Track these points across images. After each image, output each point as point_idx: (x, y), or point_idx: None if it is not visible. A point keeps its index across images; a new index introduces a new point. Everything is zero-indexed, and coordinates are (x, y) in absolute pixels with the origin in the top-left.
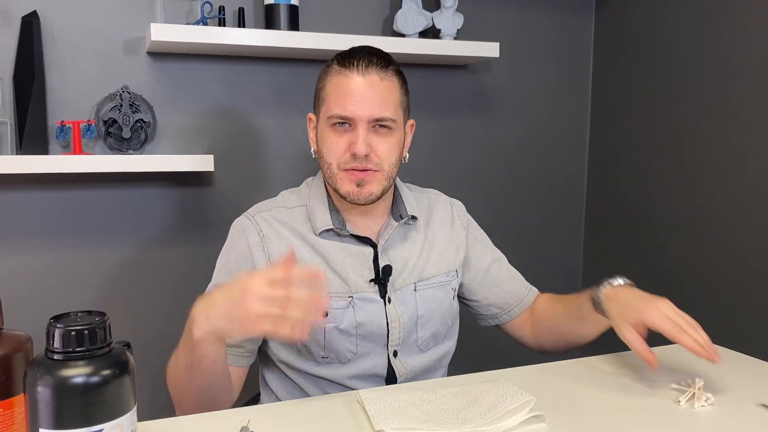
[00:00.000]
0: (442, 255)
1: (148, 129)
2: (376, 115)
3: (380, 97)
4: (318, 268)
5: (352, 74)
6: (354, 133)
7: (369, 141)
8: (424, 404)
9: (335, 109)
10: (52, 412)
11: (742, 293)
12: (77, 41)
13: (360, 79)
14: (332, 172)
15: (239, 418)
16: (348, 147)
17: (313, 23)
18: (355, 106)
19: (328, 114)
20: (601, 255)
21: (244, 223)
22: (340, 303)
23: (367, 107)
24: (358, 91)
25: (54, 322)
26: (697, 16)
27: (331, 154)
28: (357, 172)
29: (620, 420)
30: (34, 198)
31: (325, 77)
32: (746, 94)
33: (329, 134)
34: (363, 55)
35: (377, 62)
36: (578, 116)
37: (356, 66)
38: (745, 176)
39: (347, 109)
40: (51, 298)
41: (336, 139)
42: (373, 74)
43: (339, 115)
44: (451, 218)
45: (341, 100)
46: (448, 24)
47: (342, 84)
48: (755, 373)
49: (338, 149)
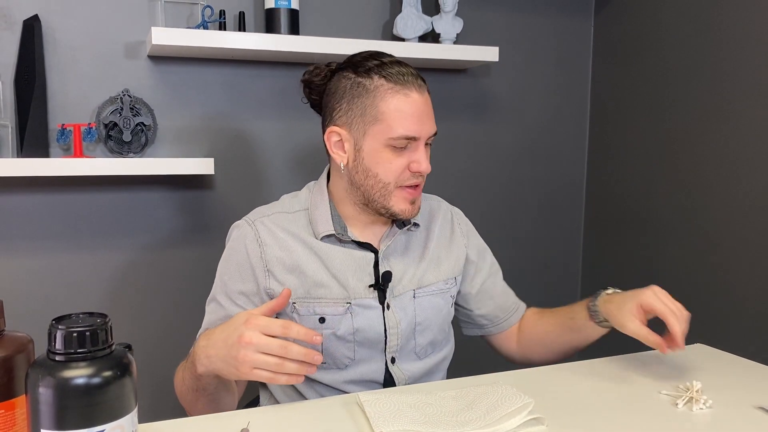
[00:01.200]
0: (442, 262)
1: (149, 132)
2: (432, 131)
3: (432, 112)
4: (315, 332)
5: (411, 93)
6: (416, 152)
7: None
8: (423, 406)
9: (401, 130)
10: (53, 413)
11: (739, 296)
12: (78, 45)
13: (420, 98)
14: (387, 191)
15: (239, 420)
16: (407, 165)
17: (313, 27)
18: (420, 125)
19: (390, 135)
20: (600, 259)
21: (244, 229)
22: (338, 309)
23: (428, 125)
24: (419, 109)
25: (56, 323)
26: (695, 19)
27: (389, 174)
28: (411, 190)
29: (618, 422)
30: (34, 201)
31: (374, 94)
32: (744, 97)
33: (388, 155)
34: (406, 71)
35: (417, 75)
36: (577, 120)
37: (411, 84)
38: (744, 179)
39: (414, 129)
40: (52, 301)
41: (395, 159)
42: (425, 91)
43: (406, 136)
44: (451, 226)
45: (406, 122)
46: (447, 28)
47: (404, 104)
48: (753, 376)
49: (398, 168)
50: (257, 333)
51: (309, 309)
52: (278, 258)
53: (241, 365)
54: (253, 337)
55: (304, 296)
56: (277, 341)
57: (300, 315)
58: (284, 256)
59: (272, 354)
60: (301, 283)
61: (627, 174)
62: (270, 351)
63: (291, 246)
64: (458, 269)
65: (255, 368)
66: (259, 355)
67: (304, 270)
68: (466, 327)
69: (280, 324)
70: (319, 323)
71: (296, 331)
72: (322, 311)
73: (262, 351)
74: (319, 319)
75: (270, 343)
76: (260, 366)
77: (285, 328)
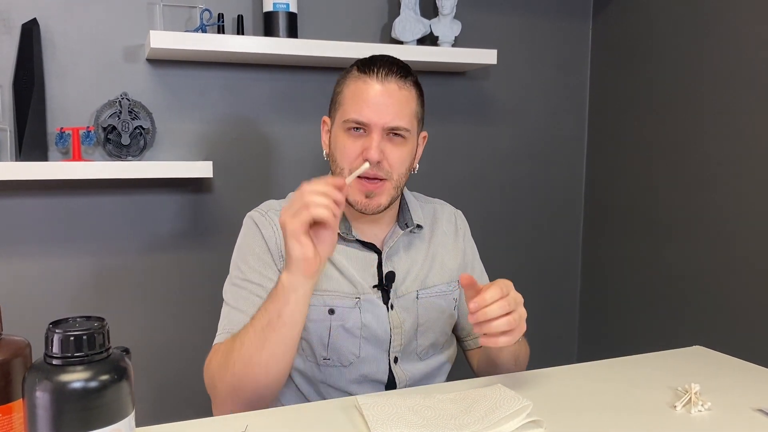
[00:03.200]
0: (445, 264)
1: (147, 135)
2: (390, 123)
3: (397, 105)
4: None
5: (371, 80)
6: (368, 138)
7: (383, 148)
8: (421, 410)
9: (351, 113)
10: (50, 417)
11: (739, 297)
12: (77, 48)
13: (378, 86)
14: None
15: (237, 423)
16: (361, 152)
17: (311, 30)
18: (372, 112)
19: (344, 118)
20: (599, 261)
21: (258, 218)
22: (347, 302)
23: (383, 114)
24: (375, 98)
25: (53, 327)
26: (693, 21)
27: (344, 158)
28: (367, 183)
29: (617, 425)
30: (33, 204)
31: (343, 81)
32: (743, 99)
33: (343, 138)
34: (383, 62)
35: (397, 71)
36: (576, 123)
37: (376, 73)
38: (743, 180)
39: (363, 114)
40: (50, 304)
41: (350, 144)
42: (392, 82)
43: (355, 119)
44: (455, 228)
45: (358, 105)
46: (446, 31)
47: (360, 89)
48: (752, 378)
49: (351, 154)
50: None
51: (319, 300)
52: None
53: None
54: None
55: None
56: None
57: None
58: None
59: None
60: None
61: (626, 176)
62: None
63: None
64: (461, 271)
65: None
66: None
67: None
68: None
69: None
70: (328, 314)
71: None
72: (332, 303)
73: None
74: (329, 310)
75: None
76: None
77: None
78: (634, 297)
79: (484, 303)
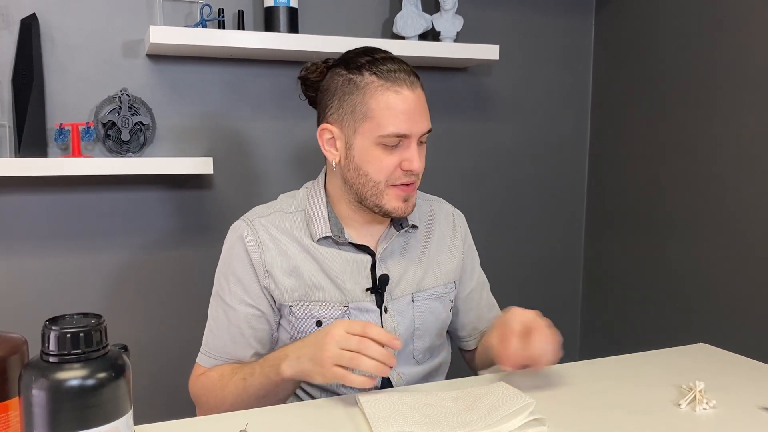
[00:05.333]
0: (442, 266)
1: (147, 131)
2: (425, 129)
3: (426, 110)
4: (395, 336)
5: (402, 90)
6: (407, 150)
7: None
8: (423, 407)
9: (391, 127)
10: (46, 416)
11: (743, 295)
12: (76, 44)
13: (411, 95)
14: (378, 190)
15: (237, 421)
16: (399, 163)
17: (312, 26)
18: (412, 123)
19: (380, 133)
20: (601, 257)
21: (243, 229)
22: (335, 312)
23: (421, 123)
24: (411, 107)
25: (49, 324)
26: (696, 17)
27: (380, 172)
28: (405, 188)
29: (621, 423)
30: (32, 201)
31: (364, 92)
32: (746, 95)
33: (378, 153)
34: (399, 67)
35: (411, 72)
36: (578, 118)
37: (403, 81)
38: (745, 178)
39: (404, 127)
40: (49, 301)
41: (386, 157)
42: (417, 87)
43: (396, 134)
44: (452, 228)
45: (396, 119)
46: (447, 26)
47: (394, 101)
48: (757, 376)
49: (389, 167)
50: (340, 330)
51: (306, 312)
52: (276, 260)
53: (326, 361)
54: (336, 334)
55: (300, 299)
56: (356, 338)
57: (297, 318)
58: (282, 258)
59: (350, 350)
60: (299, 285)
61: (628, 172)
62: (348, 347)
63: (288, 248)
64: (458, 273)
65: (335, 364)
66: (339, 350)
67: (301, 272)
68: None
69: (361, 323)
70: (315, 326)
71: (376, 333)
72: (318, 314)
73: (342, 347)
74: (316, 322)
75: (350, 339)
76: (339, 361)
77: (365, 326)
78: (637, 294)
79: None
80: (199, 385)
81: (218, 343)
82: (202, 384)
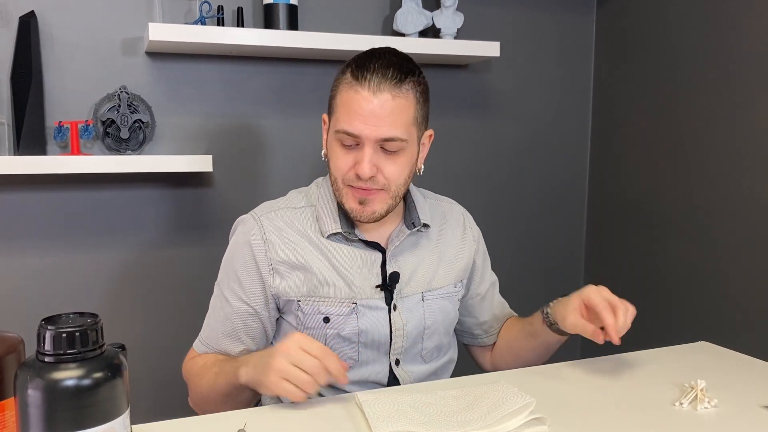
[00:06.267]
0: (452, 265)
1: (147, 129)
2: (383, 135)
3: (390, 117)
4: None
5: (362, 90)
6: (360, 153)
7: (376, 161)
8: (423, 407)
9: (342, 124)
10: (42, 416)
11: (744, 293)
12: (75, 41)
13: (370, 97)
14: (338, 186)
15: (236, 421)
16: (353, 165)
17: (312, 23)
18: (363, 125)
19: (336, 127)
20: (603, 254)
21: (249, 225)
22: (343, 309)
23: (374, 127)
24: (366, 110)
25: (45, 323)
26: (698, 14)
27: (337, 169)
28: (360, 191)
29: (621, 422)
30: (31, 199)
31: (338, 85)
32: (748, 93)
33: (336, 148)
34: (378, 68)
35: (392, 77)
36: (580, 116)
37: (368, 81)
38: (748, 175)
39: (354, 126)
40: (47, 300)
41: (342, 155)
42: (385, 92)
43: (345, 131)
44: (463, 228)
45: (349, 117)
46: (448, 23)
47: (351, 100)
48: (759, 375)
49: (343, 166)
50: (296, 346)
51: (314, 308)
52: (283, 256)
53: (271, 372)
54: (291, 348)
55: (309, 294)
56: (313, 360)
57: (304, 313)
58: (289, 254)
59: (303, 369)
60: (307, 280)
61: (630, 169)
62: (302, 366)
63: (297, 243)
64: (466, 273)
65: (283, 378)
66: (291, 366)
67: (309, 268)
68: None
69: (319, 347)
70: (323, 323)
71: (333, 362)
72: (326, 311)
73: (295, 363)
74: (324, 318)
75: (305, 358)
76: (289, 377)
77: (323, 351)
78: (639, 292)
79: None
80: (187, 369)
81: (211, 333)
82: (189, 368)
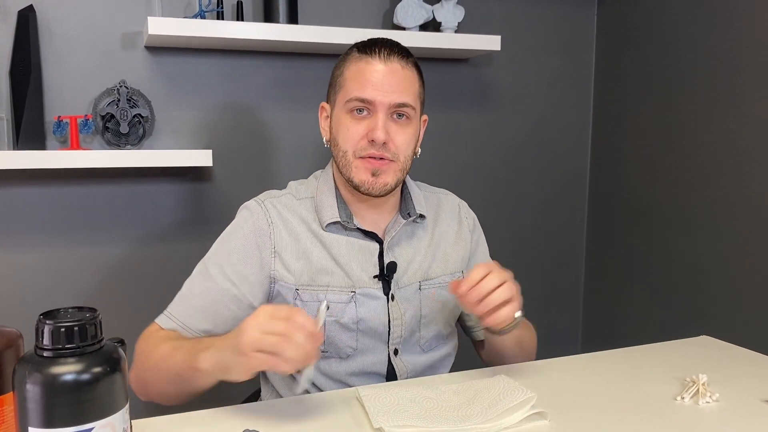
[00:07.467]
0: (449, 255)
1: (146, 124)
2: (396, 101)
3: (401, 83)
4: (320, 332)
5: (373, 60)
6: (373, 119)
7: (388, 128)
8: (423, 401)
9: (355, 92)
10: (41, 411)
11: (746, 287)
12: (74, 36)
13: (381, 65)
14: (347, 160)
15: (238, 417)
16: (366, 133)
17: (312, 16)
18: (376, 90)
19: (346, 98)
20: (603, 249)
21: (254, 208)
22: (342, 297)
23: (388, 92)
24: (379, 76)
25: (43, 318)
26: (700, 8)
27: (347, 141)
28: (373, 161)
29: (623, 416)
30: (30, 194)
31: (343, 64)
32: (751, 88)
33: (346, 120)
34: (384, 43)
35: (398, 51)
36: (581, 110)
37: (378, 53)
38: (749, 171)
39: (368, 92)
40: (47, 295)
41: (353, 125)
42: (395, 62)
43: (359, 98)
44: (458, 219)
45: (361, 85)
46: (448, 17)
47: (363, 69)
48: (760, 369)
49: (355, 135)
50: (263, 314)
51: (312, 295)
52: (285, 241)
53: (244, 348)
54: (258, 317)
55: (308, 283)
56: (282, 321)
57: (303, 301)
58: (291, 240)
59: (274, 333)
60: (306, 269)
61: (631, 164)
62: (273, 330)
63: (298, 231)
64: (464, 263)
65: (257, 350)
66: (262, 335)
67: (309, 256)
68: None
69: (287, 307)
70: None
71: (303, 319)
72: (325, 298)
73: (265, 331)
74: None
75: (275, 323)
76: (264, 347)
77: (292, 310)
78: (640, 286)
79: (474, 281)
80: (144, 338)
81: (184, 306)
82: (147, 337)
